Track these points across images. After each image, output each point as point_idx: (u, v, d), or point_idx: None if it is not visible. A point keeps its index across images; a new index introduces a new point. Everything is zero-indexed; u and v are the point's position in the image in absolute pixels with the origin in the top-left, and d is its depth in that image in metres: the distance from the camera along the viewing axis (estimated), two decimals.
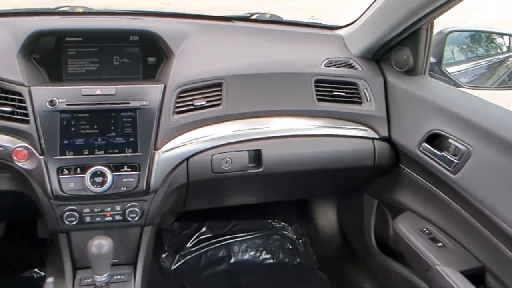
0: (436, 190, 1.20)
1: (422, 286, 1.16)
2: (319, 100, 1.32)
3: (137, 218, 1.18)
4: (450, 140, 1.14)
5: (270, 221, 2.05)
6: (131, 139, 1.15)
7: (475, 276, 1.06)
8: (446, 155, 1.14)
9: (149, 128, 1.15)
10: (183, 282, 1.80)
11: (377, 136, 1.34)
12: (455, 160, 1.11)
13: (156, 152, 1.16)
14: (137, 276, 1.23)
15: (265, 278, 1.85)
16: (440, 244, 1.16)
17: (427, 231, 1.21)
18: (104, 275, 1.10)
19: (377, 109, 1.35)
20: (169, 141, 1.18)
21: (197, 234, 1.96)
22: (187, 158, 1.21)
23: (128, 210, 1.17)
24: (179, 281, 1.81)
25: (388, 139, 1.35)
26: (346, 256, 1.73)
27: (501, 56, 1.72)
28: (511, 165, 0.97)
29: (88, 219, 1.16)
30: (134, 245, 1.26)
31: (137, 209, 1.18)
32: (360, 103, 1.36)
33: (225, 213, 2.02)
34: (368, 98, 1.36)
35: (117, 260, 1.24)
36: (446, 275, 1.04)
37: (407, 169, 1.33)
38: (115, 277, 1.21)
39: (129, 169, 1.14)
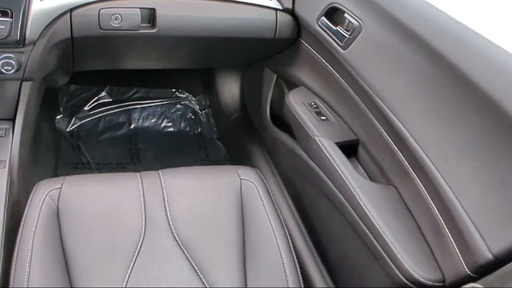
0: (328, 65, 1.21)
1: (302, 155, 1.22)
2: None
3: (13, 71, 1.09)
4: (345, 15, 1.13)
5: (174, 90, 2.02)
6: None
7: (349, 147, 1.13)
8: (339, 30, 1.14)
9: None
10: (79, 144, 1.77)
11: (280, 7, 1.30)
12: (347, 35, 1.11)
13: None
14: (15, 131, 1.17)
15: (164, 144, 1.87)
16: (324, 118, 1.21)
17: (314, 105, 1.25)
18: None
19: None
20: None
21: (96, 98, 1.90)
22: (70, 10, 1.10)
23: (2, 61, 1.08)
24: (74, 143, 1.77)
25: (291, 11, 1.31)
26: (243, 127, 1.77)
27: None
28: (396, 43, 0.98)
29: None
30: (12, 100, 1.18)
31: (13, 61, 1.08)
32: None
33: (128, 79, 1.95)
34: None
35: None
36: (321, 144, 1.10)
37: (306, 44, 1.32)
38: None
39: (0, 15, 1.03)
